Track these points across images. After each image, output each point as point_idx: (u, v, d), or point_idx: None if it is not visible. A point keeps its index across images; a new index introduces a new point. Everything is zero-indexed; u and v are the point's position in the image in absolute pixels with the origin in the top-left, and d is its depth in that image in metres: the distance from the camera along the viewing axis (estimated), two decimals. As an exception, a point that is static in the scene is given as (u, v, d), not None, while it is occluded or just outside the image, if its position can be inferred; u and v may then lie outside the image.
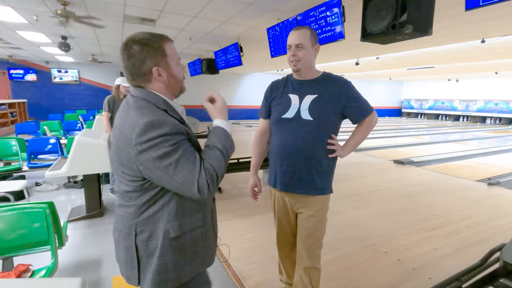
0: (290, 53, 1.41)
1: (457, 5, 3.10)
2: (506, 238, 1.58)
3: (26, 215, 1.60)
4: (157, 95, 0.94)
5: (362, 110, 1.46)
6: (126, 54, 0.91)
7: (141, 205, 0.93)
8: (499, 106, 14.76)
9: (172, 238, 0.93)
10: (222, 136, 0.96)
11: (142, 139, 0.83)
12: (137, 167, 0.87)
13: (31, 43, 7.05)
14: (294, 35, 1.39)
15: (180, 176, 0.85)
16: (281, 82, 1.54)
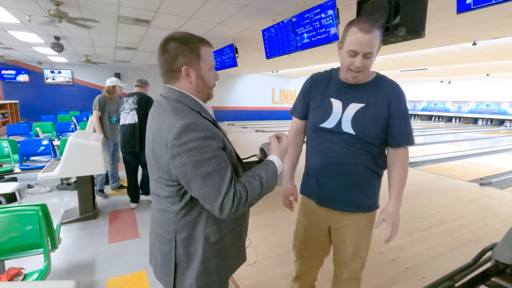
0: (353, 62, 1.11)
1: (449, 8, 3.15)
2: (497, 237, 1.60)
3: (18, 217, 1.57)
4: (189, 96, 0.94)
5: (406, 135, 1.20)
6: (162, 49, 0.92)
7: (178, 211, 0.93)
8: (490, 108, 15.00)
9: (213, 242, 0.95)
10: (271, 172, 0.95)
11: (178, 142, 0.82)
12: (171, 171, 0.86)
13: (24, 44, 6.96)
14: (366, 40, 1.06)
15: (207, 189, 0.83)
16: (323, 78, 1.29)
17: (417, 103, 18.32)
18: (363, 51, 1.08)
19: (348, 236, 1.29)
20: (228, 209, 0.84)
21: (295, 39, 3.85)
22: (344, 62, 1.15)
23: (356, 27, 1.08)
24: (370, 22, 1.08)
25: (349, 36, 1.10)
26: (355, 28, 1.08)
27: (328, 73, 1.30)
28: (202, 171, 0.82)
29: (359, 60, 1.09)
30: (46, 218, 1.62)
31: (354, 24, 1.10)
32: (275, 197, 1.60)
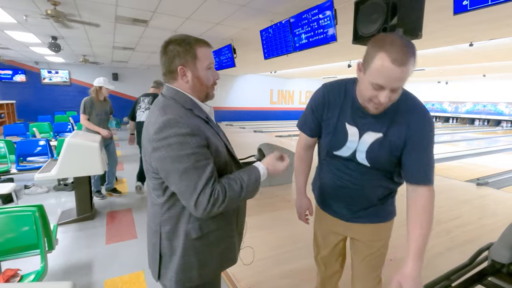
0: (377, 96, 0.93)
1: (445, 9, 3.17)
2: (494, 237, 1.62)
3: (14, 218, 1.56)
4: (185, 94, 0.98)
5: (427, 172, 1.02)
6: (162, 51, 0.98)
7: (163, 204, 0.97)
8: (487, 108, 15.10)
9: (194, 238, 0.96)
10: (254, 178, 0.96)
11: (158, 136, 0.87)
12: (154, 165, 0.91)
13: (20, 43, 6.92)
14: (397, 75, 0.87)
15: (183, 184, 0.86)
16: (337, 95, 1.10)
17: (415, 104, 18.38)
18: (391, 86, 0.89)
19: (366, 246, 1.26)
20: (203, 208, 0.86)
21: (293, 39, 3.86)
22: (366, 92, 0.96)
23: (387, 55, 0.85)
24: (406, 49, 0.85)
25: (376, 63, 0.88)
26: (385, 55, 0.85)
27: (343, 88, 1.10)
28: (179, 166, 0.85)
29: (385, 96, 0.91)
30: (43, 219, 1.61)
31: (384, 49, 0.86)
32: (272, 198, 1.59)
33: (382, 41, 0.89)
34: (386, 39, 0.89)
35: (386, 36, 0.91)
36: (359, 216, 1.22)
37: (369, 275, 1.29)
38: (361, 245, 1.27)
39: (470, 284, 1.45)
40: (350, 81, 1.11)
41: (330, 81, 1.16)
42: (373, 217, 1.21)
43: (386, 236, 1.26)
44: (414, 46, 0.89)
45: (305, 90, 16.87)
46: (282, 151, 4.28)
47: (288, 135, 10.16)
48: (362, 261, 1.28)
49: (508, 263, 1.49)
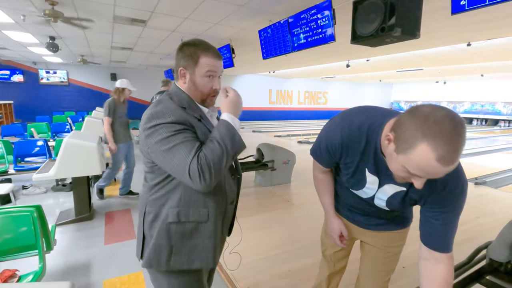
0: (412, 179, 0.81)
1: (443, 9, 3.18)
2: (492, 236, 1.62)
3: (12, 219, 1.56)
4: (183, 93, 1.05)
5: (450, 240, 0.93)
6: (177, 51, 1.06)
7: (152, 186, 1.03)
8: (485, 108, 15.16)
9: (169, 222, 1.00)
10: (223, 128, 0.97)
11: (146, 125, 0.95)
12: (146, 150, 0.98)
13: (18, 43, 6.90)
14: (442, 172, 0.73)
15: (175, 160, 0.91)
16: (357, 142, 0.97)
17: (413, 103, 18.43)
18: (432, 177, 0.77)
19: (380, 251, 1.25)
20: (197, 176, 0.89)
21: (292, 39, 3.86)
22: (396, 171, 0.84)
23: (432, 149, 0.69)
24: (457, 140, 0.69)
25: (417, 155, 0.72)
26: (430, 150, 0.69)
27: (364, 136, 0.95)
28: (168, 145, 0.91)
29: (421, 184, 0.79)
30: (41, 219, 1.61)
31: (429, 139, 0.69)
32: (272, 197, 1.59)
33: (426, 123, 0.70)
34: (430, 121, 0.70)
35: (430, 114, 0.70)
36: (377, 224, 1.21)
37: (380, 279, 1.29)
38: (375, 249, 1.26)
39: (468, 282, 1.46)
40: (372, 129, 0.94)
41: (349, 125, 0.98)
42: (390, 225, 1.21)
43: (401, 242, 1.25)
44: (464, 126, 0.70)
45: (304, 90, 16.89)
46: (282, 152, 4.28)
47: (287, 135, 10.18)
48: (375, 265, 1.28)
49: (506, 261, 1.50)
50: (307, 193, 3.94)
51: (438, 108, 0.71)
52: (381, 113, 0.96)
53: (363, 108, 1.04)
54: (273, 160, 4.15)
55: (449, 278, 0.94)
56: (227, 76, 14.34)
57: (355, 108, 1.05)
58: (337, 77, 14.53)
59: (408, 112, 0.77)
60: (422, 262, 0.99)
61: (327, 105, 17.77)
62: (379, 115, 0.95)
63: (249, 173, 4.43)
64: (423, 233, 0.98)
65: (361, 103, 18.55)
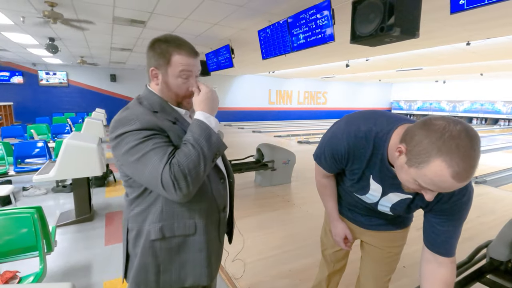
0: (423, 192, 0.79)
1: (442, 9, 3.18)
2: (492, 235, 1.62)
3: (13, 220, 1.56)
4: (155, 95, 0.96)
5: (454, 245, 0.94)
6: (147, 48, 0.96)
7: (131, 201, 0.94)
8: (484, 107, 15.16)
9: (152, 240, 0.91)
10: (197, 128, 0.86)
11: (112, 135, 0.87)
12: (117, 163, 0.91)
13: (18, 45, 6.90)
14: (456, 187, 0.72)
15: (147, 171, 0.82)
16: (362, 149, 0.94)
17: (413, 103, 18.46)
18: (444, 191, 0.78)
19: (381, 251, 1.26)
20: (171, 187, 0.80)
21: (291, 39, 3.87)
22: (406, 183, 0.81)
23: (447, 165, 0.67)
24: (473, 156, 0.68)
25: (431, 170, 0.70)
26: (445, 166, 0.68)
27: (370, 143, 0.92)
28: (138, 155, 0.82)
29: (432, 197, 0.79)
30: (41, 221, 1.61)
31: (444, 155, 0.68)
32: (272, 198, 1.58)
33: (441, 139, 0.68)
34: (446, 136, 0.68)
35: (446, 129, 0.68)
36: (377, 224, 1.21)
37: (381, 278, 1.29)
38: (376, 249, 1.27)
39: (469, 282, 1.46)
40: (379, 136, 0.91)
41: (355, 132, 0.95)
42: (391, 225, 1.21)
43: (402, 242, 1.26)
44: (480, 141, 0.69)
45: (304, 90, 16.89)
46: (282, 152, 4.28)
47: (287, 135, 10.17)
48: (375, 264, 1.28)
49: (506, 260, 1.50)
50: (307, 193, 3.94)
51: (453, 122, 0.69)
52: (388, 120, 0.93)
53: (369, 113, 0.99)
54: (273, 160, 4.15)
55: (451, 281, 0.94)
56: (227, 77, 14.35)
57: (361, 113, 1.01)
58: (337, 77, 14.54)
59: (421, 124, 0.74)
60: (424, 264, 0.99)
61: (326, 105, 17.78)
62: (386, 121, 0.92)
63: (249, 173, 4.43)
64: (426, 237, 0.98)
65: (360, 102, 18.59)
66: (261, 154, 4.28)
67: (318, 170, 1.18)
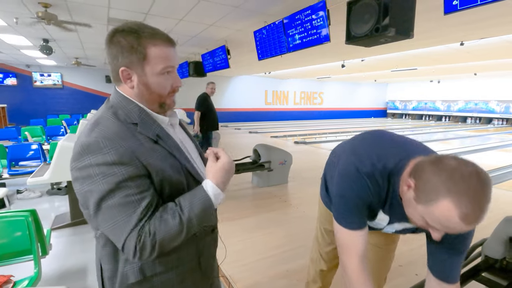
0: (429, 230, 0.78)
1: (436, 9, 3.21)
2: (487, 233, 1.64)
3: (7, 224, 1.54)
4: (133, 102, 0.77)
5: (458, 271, 0.92)
6: (106, 42, 0.75)
7: (99, 238, 0.79)
8: (478, 106, 15.32)
9: (132, 283, 0.76)
10: (199, 206, 0.72)
11: (76, 164, 0.69)
12: (77, 195, 0.73)
13: (11, 46, 6.83)
14: (464, 230, 0.71)
15: (107, 225, 0.68)
16: (381, 187, 0.91)
17: (408, 103, 18.61)
18: (451, 232, 0.75)
19: (382, 251, 1.27)
20: (132, 255, 0.68)
21: (287, 40, 3.87)
22: (414, 219, 0.81)
23: (455, 206, 0.67)
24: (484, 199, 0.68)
25: (439, 210, 0.69)
26: (453, 208, 0.67)
27: (386, 182, 0.90)
28: (102, 204, 0.67)
29: (440, 236, 0.77)
30: (36, 224, 1.59)
31: (453, 196, 0.67)
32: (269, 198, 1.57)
33: (452, 179, 0.67)
34: (457, 177, 0.67)
35: (457, 169, 0.68)
36: None
37: (382, 276, 1.32)
38: (378, 249, 1.28)
39: (464, 280, 1.47)
40: (393, 173, 0.89)
41: (366, 167, 0.91)
42: None
43: (397, 239, 1.28)
44: (491, 184, 0.68)
45: (300, 91, 16.93)
46: (279, 153, 4.28)
47: (283, 136, 10.19)
48: (377, 263, 1.30)
49: (501, 258, 1.51)
50: (304, 194, 3.95)
51: (465, 163, 0.69)
52: (401, 152, 0.91)
53: (380, 143, 0.98)
54: (269, 160, 4.15)
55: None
56: (223, 78, 14.33)
57: (370, 146, 0.98)
58: (333, 77, 14.60)
59: (432, 160, 0.74)
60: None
61: (323, 105, 17.85)
62: (399, 155, 0.89)
63: (246, 174, 4.43)
64: (432, 264, 0.95)
65: (356, 103, 18.68)
66: (258, 154, 4.28)
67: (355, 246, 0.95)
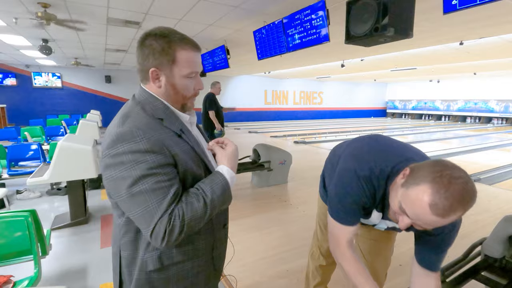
0: (399, 217, 0.84)
1: (435, 9, 3.22)
2: (487, 232, 1.64)
3: (6, 224, 1.54)
4: (158, 99, 0.83)
5: (441, 262, 1.01)
6: (138, 45, 0.82)
7: (121, 226, 0.83)
8: (478, 106, 15.34)
9: (150, 271, 0.81)
10: (219, 189, 0.79)
11: (110, 152, 0.73)
12: (106, 183, 0.77)
13: (10, 47, 6.82)
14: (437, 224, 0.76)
15: (138, 210, 0.72)
16: (377, 189, 0.96)
17: (407, 102, 18.62)
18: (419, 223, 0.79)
19: (384, 246, 1.29)
20: (160, 239, 0.71)
21: (286, 40, 3.87)
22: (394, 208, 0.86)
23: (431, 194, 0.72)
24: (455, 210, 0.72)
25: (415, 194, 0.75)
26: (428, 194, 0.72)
27: (384, 183, 0.95)
28: (134, 189, 0.71)
29: (405, 225, 0.83)
30: (36, 224, 1.59)
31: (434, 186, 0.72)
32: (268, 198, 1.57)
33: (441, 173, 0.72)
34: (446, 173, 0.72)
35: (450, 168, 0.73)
36: None
37: (383, 271, 1.34)
38: (381, 244, 1.31)
39: (464, 279, 1.47)
40: (390, 175, 0.94)
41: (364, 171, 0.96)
42: None
43: (393, 237, 1.31)
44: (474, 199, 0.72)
45: (299, 90, 16.94)
46: (278, 153, 4.29)
47: (283, 136, 10.19)
48: (379, 259, 1.32)
49: (501, 257, 1.52)
50: (304, 193, 3.95)
51: (459, 170, 0.73)
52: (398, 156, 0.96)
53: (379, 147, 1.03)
54: (269, 160, 4.15)
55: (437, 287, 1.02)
56: (223, 77, 14.33)
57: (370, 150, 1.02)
58: (332, 77, 14.61)
59: (431, 161, 0.80)
60: (415, 276, 1.04)
61: (322, 105, 17.85)
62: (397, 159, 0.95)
63: (246, 174, 4.43)
64: (418, 254, 1.03)
65: (356, 102, 18.68)
66: (258, 154, 4.28)
67: (340, 235, 1.03)
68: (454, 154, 7.05)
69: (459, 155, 6.89)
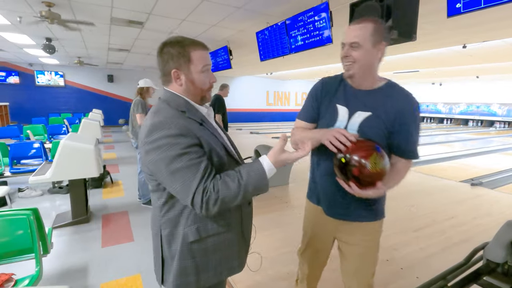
0: (343, 53, 1.14)
1: (439, 12, 3.21)
2: (488, 236, 1.63)
3: (8, 222, 1.54)
4: (180, 96, 0.99)
5: (415, 149, 1.16)
6: (158, 54, 0.99)
7: (161, 207, 0.97)
8: (480, 109, 15.29)
9: (191, 242, 0.95)
10: (256, 176, 0.90)
11: (148, 139, 0.89)
12: (148, 167, 0.92)
13: (14, 45, 6.86)
14: (350, 31, 1.10)
15: (178, 184, 0.86)
16: (333, 83, 1.23)
17: (409, 105, 18.58)
18: (348, 40, 1.11)
19: (356, 249, 1.28)
20: (199, 206, 0.86)
21: (289, 41, 3.88)
22: (340, 56, 1.17)
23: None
24: (365, 18, 1.12)
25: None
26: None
27: (338, 78, 1.23)
28: (172, 167, 0.86)
29: (346, 50, 1.13)
30: (37, 222, 1.59)
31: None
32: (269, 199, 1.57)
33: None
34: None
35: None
36: (347, 212, 1.22)
37: (365, 274, 1.30)
38: (354, 247, 1.29)
39: (466, 283, 1.47)
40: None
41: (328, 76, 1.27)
42: (364, 212, 1.22)
43: (377, 235, 1.29)
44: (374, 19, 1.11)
45: (301, 92, 16.94)
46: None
47: (284, 137, 10.17)
48: (356, 262, 1.30)
49: (503, 262, 1.51)
50: (305, 195, 3.94)
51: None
52: None
53: None
54: (271, 161, 4.15)
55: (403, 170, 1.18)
56: (225, 78, 14.33)
57: None
58: (334, 79, 14.56)
59: None
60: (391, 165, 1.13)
61: (324, 107, 17.82)
62: None
63: (247, 175, 4.43)
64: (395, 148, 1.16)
65: (358, 104, 18.61)
66: (259, 155, 4.28)
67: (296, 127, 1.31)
68: (456, 157, 7.03)
69: (461, 159, 6.86)
